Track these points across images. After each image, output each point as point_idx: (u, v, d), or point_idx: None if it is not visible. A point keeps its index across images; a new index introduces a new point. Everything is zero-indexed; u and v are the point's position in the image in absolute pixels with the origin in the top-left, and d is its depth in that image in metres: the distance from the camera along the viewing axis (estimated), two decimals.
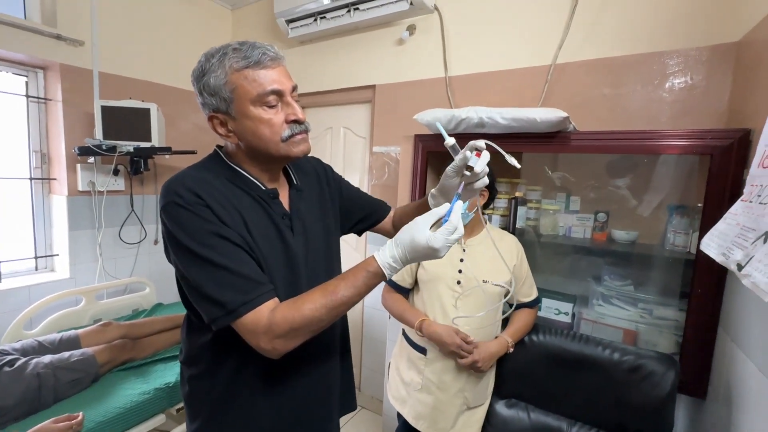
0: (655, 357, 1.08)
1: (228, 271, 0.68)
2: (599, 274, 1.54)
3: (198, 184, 0.72)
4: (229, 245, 0.70)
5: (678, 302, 1.33)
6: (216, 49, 0.74)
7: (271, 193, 0.81)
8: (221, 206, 0.72)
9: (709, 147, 1.13)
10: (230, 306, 0.67)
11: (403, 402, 1.33)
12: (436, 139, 1.62)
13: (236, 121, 0.74)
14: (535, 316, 1.33)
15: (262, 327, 0.68)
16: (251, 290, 0.69)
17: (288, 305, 0.69)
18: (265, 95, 0.72)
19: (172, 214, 0.70)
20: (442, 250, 0.67)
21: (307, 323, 0.68)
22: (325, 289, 0.70)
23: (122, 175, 2.21)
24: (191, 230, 0.69)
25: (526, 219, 1.60)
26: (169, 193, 0.71)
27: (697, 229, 1.27)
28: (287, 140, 0.75)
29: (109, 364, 1.53)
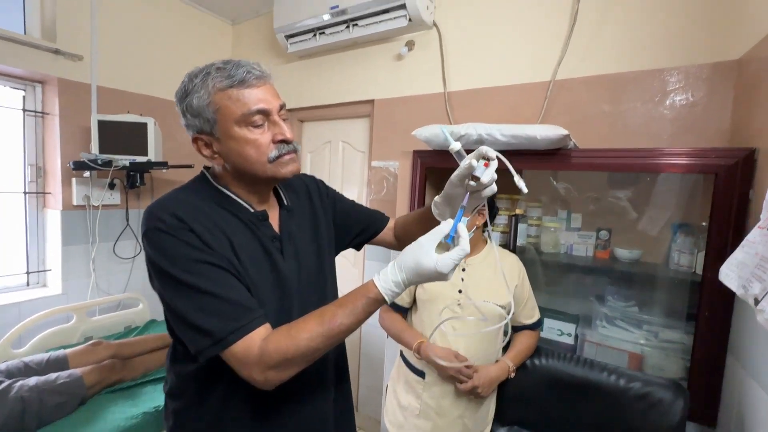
0: (663, 384, 1.04)
1: (214, 298, 0.64)
2: (602, 293, 1.50)
3: (181, 207, 0.69)
4: (216, 270, 0.66)
5: (684, 325, 1.28)
6: (199, 69, 0.72)
7: (260, 215, 0.78)
8: (207, 230, 0.69)
9: (713, 166, 1.10)
10: (218, 335, 0.63)
11: (400, 427, 1.28)
12: (435, 155, 1.60)
13: (221, 143, 0.72)
14: (537, 338, 1.29)
15: (253, 357, 0.63)
16: (240, 317, 0.65)
17: (282, 333, 0.65)
18: (249, 115, 0.69)
19: (153, 240, 0.67)
20: (450, 274, 0.63)
21: (302, 353, 0.63)
22: (322, 316, 0.66)
23: (118, 189, 2.19)
24: (174, 256, 0.66)
25: (527, 236, 1.57)
26: (151, 218, 0.68)
27: (702, 249, 1.24)
28: (275, 161, 0.72)
29: (98, 385, 1.48)
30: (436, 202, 0.81)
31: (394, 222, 1.01)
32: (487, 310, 1.19)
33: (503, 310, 1.21)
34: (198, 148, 0.74)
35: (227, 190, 0.76)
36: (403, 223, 0.98)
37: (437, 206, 0.81)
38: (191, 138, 0.74)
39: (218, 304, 0.64)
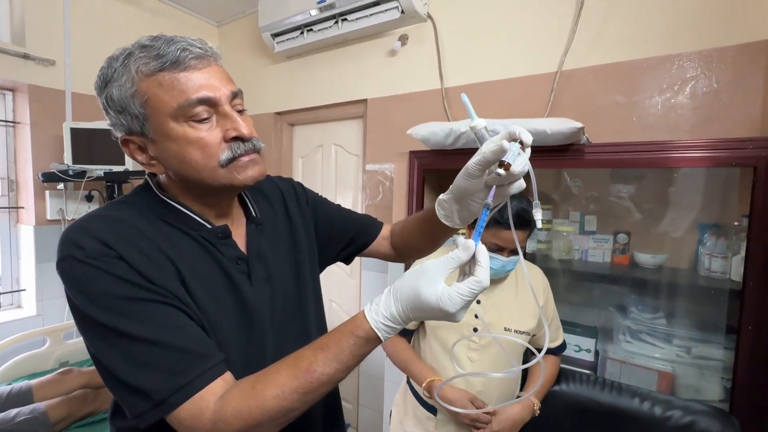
0: (707, 413, 0.90)
1: (152, 345, 0.49)
2: (623, 303, 1.35)
3: (109, 227, 0.53)
4: (155, 307, 0.51)
5: (723, 339, 1.14)
6: (121, 49, 0.55)
7: (220, 231, 0.62)
8: (142, 254, 0.53)
9: (752, 158, 0.96)
10: (157, 395, 0.48)
11: None
12: (433, 155, 1.47)
13: (156, 145, 0.56)
14: (559, 364, 1.14)
15: (206, 423, 0.48)
16: (187, 368, 0.49)
17: (243, 391, 0.50)
18: (188, 106, 0.53)
19: (68, 273, 0.51)
20: (458, 315, 0.48)
21: (270, 417, 0.48)
22: (296, 365, 0.50)
23: (97, 201, 2.05)
24: (95, 294, 0.50)
25: (537, 242, 1.43)
26: (65, 245, 0.52)
27: (738, 252, 1.10)
28: (228, 164, 0.56)
29: (66, 420, 1.33)
30: (442, 200, 0.64)
31: (390, 229, 0.85)
32: (509, 342, 1.04)
33: (527, 336, 1.06)
34: (130, 153, 0.58)
35: (175, 203, 0.60)
36: (401, 229, 0.82)
37: (443, 206, 0.64)
38: (120, 140, 0.58)
39: (157, 353, 0.49)
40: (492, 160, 0.52)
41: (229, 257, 0.62)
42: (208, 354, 0.52)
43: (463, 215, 0.63)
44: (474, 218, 0.61)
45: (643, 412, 0.94)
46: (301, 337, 0.69)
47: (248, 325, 0.61)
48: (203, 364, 0.51)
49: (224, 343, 0.57)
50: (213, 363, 0.52)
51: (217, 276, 0.60)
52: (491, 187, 0.53)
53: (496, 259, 1.01)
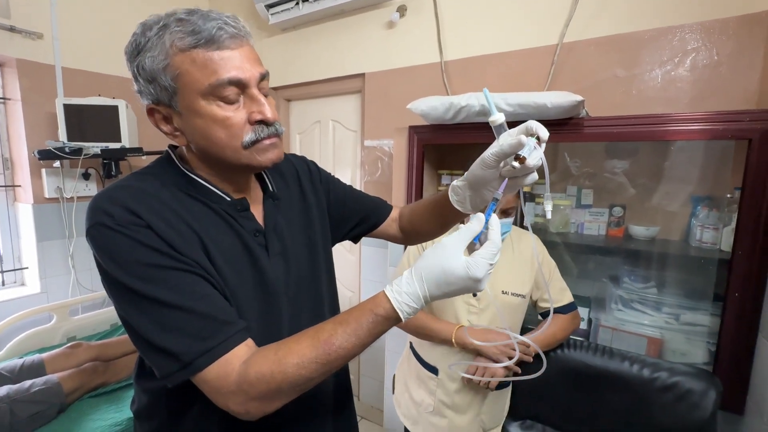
0: (691, 373, 0.95)
1: (180, 311, 0.52)
2: (616, 274, 1.40)
3: (136, 197, 0.55)
4: (181, 276, 0.53)
5: (710, 306, 1.19)
6: (156, 18, 0.55)
7: (239, 204, 0.64)
8: (169, 225, 0.55)
9: (747, 130, 0.98)
10: (185, 357, 0.51)
11: (415, 422, 1.20)
12: (433, 130, 1.47)
13: (183, 118, 0.57)
14: (570, 323, 1.14)
15: (231, 384, 0.51)
16: (214, 334, 0.52)
17: (266, 357, 0.52)
18: (220, 86, 0.53)
19: (99, 241, 0.53)
20: (485, 280, 0.50)
21: (290, 383, 0.51)
22: (317, 337, 0.52)
23: (94, 179, 2.04)
24: (127, 261, 0.52)
25: (535, 216, 1.46)
26: (95, 212, 0.54)
27: (729, 224, 1.14)
28: (251, 146, 0.57)
29: (78, 390, 1.37)
30: (456, 186, 0.65)
31: (399, 212, 0.87)
32: (505, 300, 1.10)
33: (523, 299, 1.11)
34: (155, 122, 0.59)
35: (195, 175, 0.62)
36: (411, 212, 0.83)
37: (457, 192, 0.65)
38: (146, 108, 0.59)
39: (185, 318, 0.52)
40: (509, 153, 0.54)
41: (248, 230, 0.63)
42: (231, 321, 0.55)
43: (476, 202, 0.64)
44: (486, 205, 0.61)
45: (632, 374, 1.00)
46: (314, 311, 0.72)
47: (265, 296, 0.63)
48: (227, 330, 0.53)
49: (242, 313, 0.60)
50: (237, 329, 0.54)
51: (237, 247, 0.61)
52: (505, 177, 0.55)
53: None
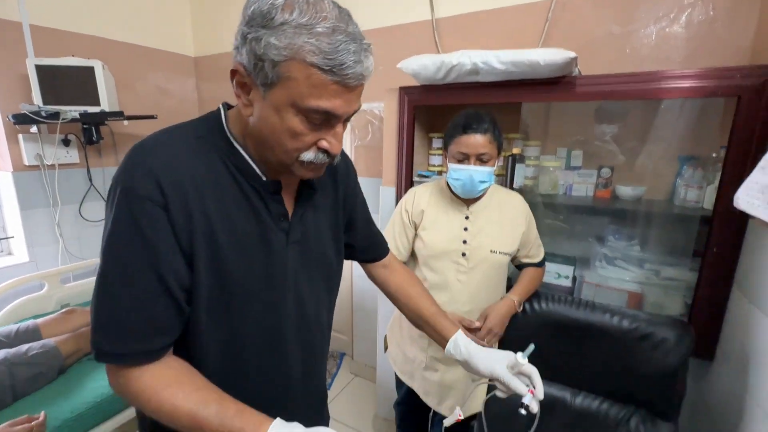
0: (667, 323, 1.00)
1: (114, 305, 0.53)
2: (602, 234, 1.44)
3: (169, 168, 0.54)
4: (149, 280, 0.54)
5: (689, 262, 1.24)
6: (305, 5, 0.49)
7: (272, 186, 0.62)
8: (185, 211, 0.55)
9: (736, 87, 0.98)
10: (99, 346, 0.54)
11: (411, 377, 1.26)
12: (424, 91, 1.44)
13: (262, 103, 0.54)
14: (541, 275, 1.23)
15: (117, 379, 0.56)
16: (123, 340, 0.54)
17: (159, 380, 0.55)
18: (313, 111, 0.52)
19: (112, 199, 0.54)
20: None
21: (154, 415, 0.55)
22: (195, 411, 0.53)
23: (75, 145, 1.98)
24: (117, 235, 0.53)
25: (524, 178, 1.47)
26: (125, 172, 0.54)
27: (712, 182, 1.16)
28: (302, 163, 0.58)
29: (77, 354, 1.40)
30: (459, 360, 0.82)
31: (390, 263, 0.91)
32: (494, 259, 1.13)
33: (509, 257, 1.15)
34: (234, 81, 0.56)
35: (240, 147, 0.60)
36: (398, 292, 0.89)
37: (452, 355, 0.82)
38: (233, 64, 0.56)
39: (122, 317, 0.54)
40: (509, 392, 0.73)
41: (275, 213, 0.63)
42: (151, 338, 0.55)
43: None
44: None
45: (612, 326, 1.05)
46: (316, 309, 0.72)
47: (272, 285, 0.63)
48: (138, 347, 0.54)
49: (244, 300, 0.60)
50: (151, 347, 0.55)
51: (253, 235, 0.61)
52: None
53: (462, 170, 1.05)
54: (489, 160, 1.07)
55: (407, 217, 1.22)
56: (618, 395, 1.07)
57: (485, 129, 1.05)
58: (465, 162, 1.07)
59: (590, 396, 1.10)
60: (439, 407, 1.20)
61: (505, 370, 0.71)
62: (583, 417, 1.08)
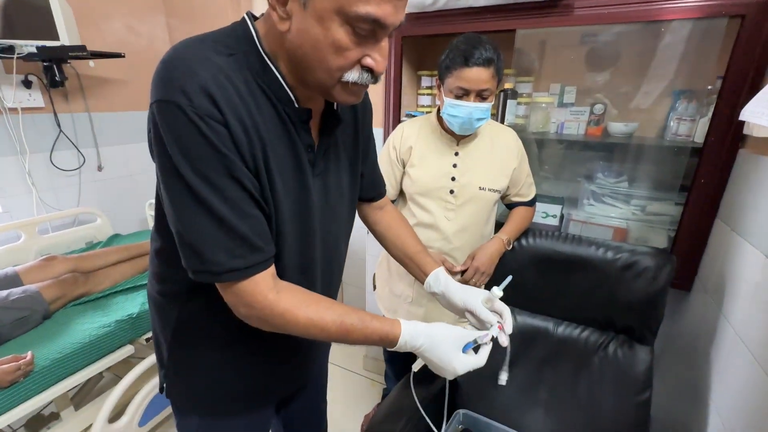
0: (650, 253, 1.02)
1: (223, 224, 0.52)
2: (592, 172, 1.42)
3: (218, 82, 0.49)
4: (237, 190, 0.52)
5: (675, 196, 1.24)
6: None
7: (304, 114, 0.59)
8: (243, 128, 0.51)
9: (741, 5, 0.93)
10: (215, 268, 0.53)
11: (394, 312, 1.28)
12: (412, 20, 1.34)
13: (302, 14, 0.49)
14: (532, 214, 1.22)
15: (257, 305, 0.56)
16: (245, 255, 0.54)
17: (297, 299, 0.59)
18: (361, 19, 0.48)
19: (168, 120, 0.48)
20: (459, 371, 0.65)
21: (301, 330, 0.59)
22: (341, 321, 0.60)
23: (38, 88, 1.83)
24: (193, 155, 0.49)
25: (516, 116, 1.42)
26: (171, 86, 0.48)
27: (706, 115, 1.14)
28: (344, 84, 0.54)
29: (61, 300, 1.38)
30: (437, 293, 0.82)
31: (385, 205, 0.91)
32: (482, 196, 1.11)
33: (498, 194, 1.13)
34: None
35: (274, 66, 0.55)
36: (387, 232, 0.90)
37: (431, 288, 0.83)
38: None
39: (225, 232, 0.52)
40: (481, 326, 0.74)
41: (304, 143, 0.60)
42: (263, 248, 0.56)
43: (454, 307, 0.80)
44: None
45: (597, 257, 1.07)
46: (336, 242, 0.74)
47: (303, 213, 0.63)
48: (257, 256, 0.55)
49: (282, 227, 0.60)
50: (266, 257, 0.57)
51: (289, 160, 0.59)
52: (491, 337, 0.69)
53: (461, 107, 0.99)
54: (489, 95, 1.00)
55: (395, 154, 1.18)
56: (599, 323, 1.11)
57: (489, 60, 0.95)
58: (464, 98, 0.99)
59: (572, 325, 1.14)
60: None
61: (479, 303, 0.73)
62: (564, 344, 1.13)
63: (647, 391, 1.01)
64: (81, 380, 1.23)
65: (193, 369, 0.71)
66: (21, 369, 1.06)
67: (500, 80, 1.02)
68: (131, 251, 1.69)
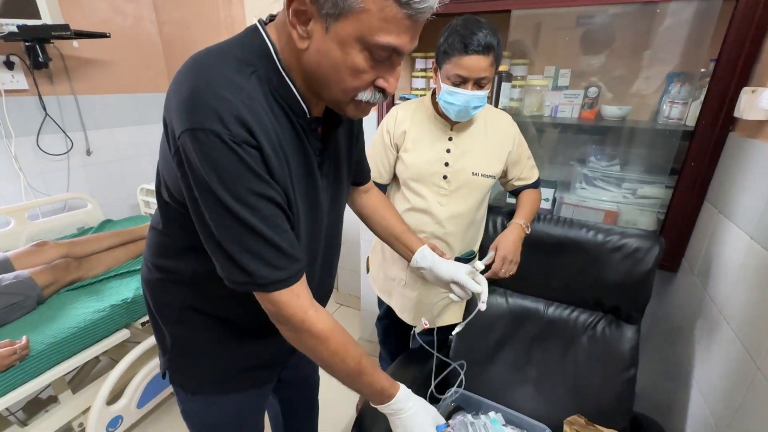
0: (639, 235, 1.04)
1: (262, 239, 0.55)
2: (584, 156, 1.43)
3: (248, 109, 0.51)
4: (271, 207, 0.55)
5: (666, 180, 1.26)
6: None
7: (314, 123, 0.62)
8: (273, 149, 0.54)
9: None
10: (260, 280, 0.57)
11: (389, 294, 1.30)
12: None
13: (323, 35, 0.51)
14: (539, 196, 1.20)
15: (295, 317, 0.60)
16: (286, 266, 0.58)
17: (332, 324, 0.63)
18: (381, 47, 0.51)
19: (206, 149, 0.50)
20: None
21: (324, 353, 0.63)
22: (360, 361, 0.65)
23: (20, 69, 1.78)
24: (230, 180, 0.51)
25: (510, 99, 1.41)
26: (208, 116, 0.49)
27: (699, 98, 1.14)
28: (357, 103, 0.57)
29: (54, 285, 1.37)
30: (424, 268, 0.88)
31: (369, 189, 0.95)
32: (475, 182, 1.11)
33: (492, 179, 1.12)
34: (289, 9, 0.50)
35: (290, 80, 0.57)
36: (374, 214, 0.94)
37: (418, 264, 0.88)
38: None
39: (266, 247, 0.56)
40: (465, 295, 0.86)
41: (313, 148, 0.63)
42: (299, 258, 0.60)
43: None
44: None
45: (588, 240, 1.08)
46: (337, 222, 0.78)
47: (315, 212, 0.67)
48: (296, 266, 0.59)
49: (299, 230, 0.63)
50: (301, 266, 0.60)
51: (302, 168, 0.61)
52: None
53: (458, 94, 0.98)
54: (487, 83, 0.98)
55: (389, 138, 1.17)
56: (588, 304, 1.14)
57: (488, 47, 0.92)
58: (462, 86, 0.97)
59: (562, 306, 1.17)
60: (414, 323, 1.26)
61: (464, 274, 0.79)
62: (554, 325, 1.16)
63: (633, 369, 1.04)
64: (77, 364, 1.24)
65: (199, 350, 0.73)
66: (17, 353, 1.07)
67: (498, 66, 1.00)
68: (123, 237, 1.68)
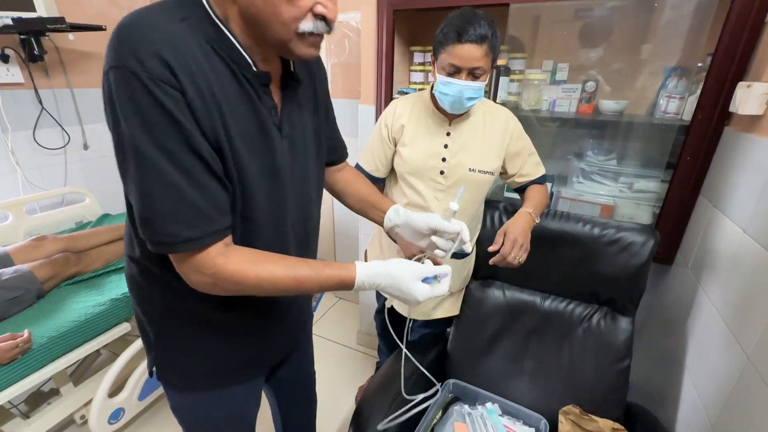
0: (635, 228, 1.05)
1: (180, 194, 0.52)
2: (582, 150, 1.44)
3: (171, 47, 0.49)
4: (194, 159, 0.52)
5: (662, 174, 1.27)
6: None
7: (263, 78, 0.59)
8: (199, 95, 0.51)
9: None
10: (167, 238, 0.53)
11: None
12: None
13: None
14: (546, 190, 1.17)
15: (206, 271, 0.56)
16: (199, 225, 0.54)
17: (246, 259, 0.59)
18: None
19: (122, 87, 0.48)
20: (423, 301, 0.68)
21: (255, 290, 0.60)
22: (292, 272, 0.60)
23: (16, 63, 1.76)
24: (149, 123, 0.48)
25: (508, 93, 1.42)
26: (123, 51, 0.47)
27: (695, 93, 1.15)
28: (302, 36, 0.55)
29: (53, 279, 1.38)
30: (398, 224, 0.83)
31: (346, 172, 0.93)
32: (473, 177, 1.10)
33: (491, 176, 1.12)
34: None
35: (227, 30, 0.55)
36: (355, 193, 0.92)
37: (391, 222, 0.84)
38: None
39: (181, 203, 0.52)
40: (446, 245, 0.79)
41: (267, 106, 0.61)
42: (218, 219, 0.56)
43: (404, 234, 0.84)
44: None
45: (584, 233, 1.09)
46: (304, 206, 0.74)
47: (273, 177, 0.64)
48: (212, 226, 0.55)
49: (253, 189, 0.60)
50: (219, 227, 0.56)
51: (253, 124, 0.59)
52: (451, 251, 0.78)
53: (452, 84, 0.97)
54: (482, 74, 0.97)
55: (387, 132, 1.17)
56: (584, 296, 1.15)
57: (483, 37, 0.92)
58: (456, 75, 0.97)
59: (558, 299, 1.18)
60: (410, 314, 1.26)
61: (441, 220, 0.77)
62: (550, 317, 1.17)
63: (627, 360, 1.06)
64: (79, 357, 1.25)
65: (184, 347, 0.72)
66: (19, 347, 1.08)
67: (495, 58, 0.99)
68: (122, 231, 1.68)
